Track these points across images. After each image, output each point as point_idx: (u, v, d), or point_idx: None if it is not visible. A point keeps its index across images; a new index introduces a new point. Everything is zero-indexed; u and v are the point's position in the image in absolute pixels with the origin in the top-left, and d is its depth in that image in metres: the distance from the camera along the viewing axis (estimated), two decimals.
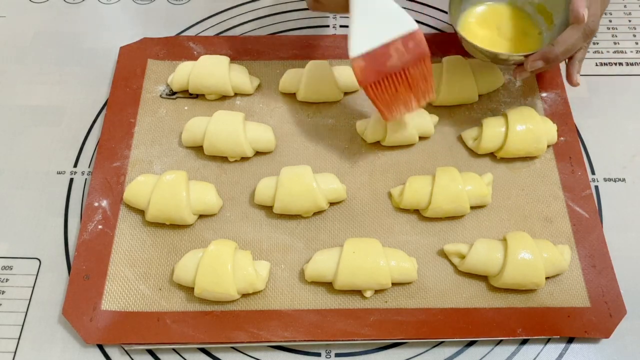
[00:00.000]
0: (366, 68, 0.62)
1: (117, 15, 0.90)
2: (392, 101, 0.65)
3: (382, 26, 0.62)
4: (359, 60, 0.62)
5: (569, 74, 0.72)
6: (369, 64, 0.62)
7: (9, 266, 0.68)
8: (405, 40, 0.62)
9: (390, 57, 0.62)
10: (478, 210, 0.70)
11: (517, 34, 0.75)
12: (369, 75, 0.62)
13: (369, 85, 0.63)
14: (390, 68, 0.62)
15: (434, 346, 0.64)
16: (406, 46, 0.62)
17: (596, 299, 0.64)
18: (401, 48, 0.62)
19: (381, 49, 0.61)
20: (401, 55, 0.62)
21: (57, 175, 0.75)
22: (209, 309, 0.64)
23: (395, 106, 0.65)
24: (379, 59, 0.62)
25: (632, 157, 0.75)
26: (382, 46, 0.62)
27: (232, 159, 0.74)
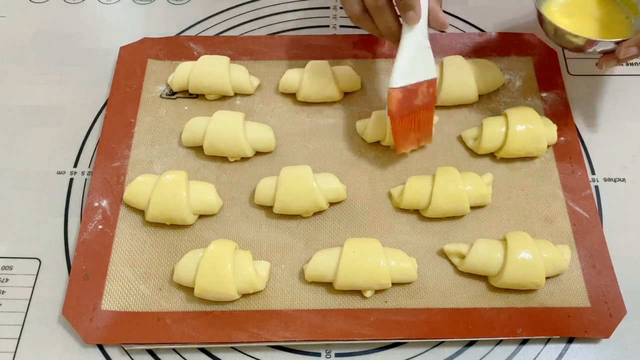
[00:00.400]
0: (402, 100, 0.67)
1: (117, 15, 0.90)
2: (407, 135, 0.71)
3: (419, 67, 0.67)
4: (398, 91, 0.66)
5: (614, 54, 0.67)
6: (404, 97, 0.67)
7: (9, 266, 0.68)
8: (428, 85, 0.68)
9: (417, 97, 0.68)
10: (478, 210, 0.70)
11: (603, 21, 0.73)
12: (402, 108, 0.67)
13: (398, 117, 0.68)
14: (415, 106, 0.68)
15: (434, 346, 0.64)
16: (428, 90, 0.68)
17: (596, 299, 0.64)
18: (425, 90, 0.68)
19: (414, 87, 0.67)
20: (423, 97, 0.68)
21: (57, 175, 0.75)
22: (209, 309, 0.64)
23: (408, 140, 0.71)
24: (411, 95, 0.67)
25: (632, 157, 0.75)
26: (416, 84, 0.67)
27: (232, 159, 0.74)
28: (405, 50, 0.67)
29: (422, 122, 0.70)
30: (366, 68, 0.81)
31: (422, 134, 0.72)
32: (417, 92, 0.67)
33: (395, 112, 0.67)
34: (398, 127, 0.69)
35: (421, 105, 0.68)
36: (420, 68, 0.67)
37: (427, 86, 0.67)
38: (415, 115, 0.69)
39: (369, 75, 0.81)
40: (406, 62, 0.67)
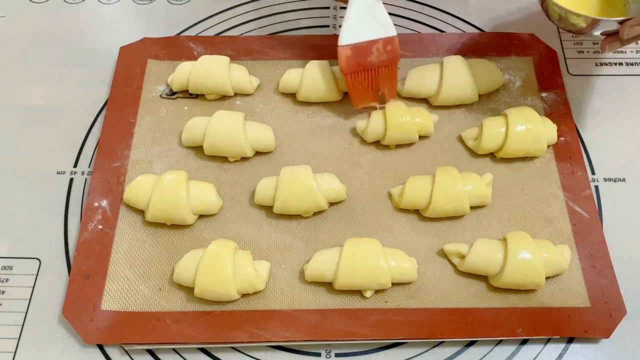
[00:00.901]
0: (351, 57, 0.70)
1: (117, 15, 0.90)
2: (364, 91, 0.73)
3: (371, 25, 0.70)
4: (347, 48, 0.70)
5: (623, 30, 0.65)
6: (354, 54, 0.70)
7: (9, 266, 0.68)
8: (385, 42, 0.71)
9: (371, 54, 0.70)
10: (478, 210, 0.70)
11: (602, 7, 0.72)
12: (352, 65, 0.71)
13: (349, 73, 0.71)
14: (369, 62, 0.71)
15: (434, 346, 0.64)
16: (385, 47, 0.71)
17: (596, 299, 0.64)
18: (381, 48, 0.70)
19: (366, 44, 0.70)
20: (379, 54, 0.71)
21: (57, 175, 0.75)
22: (209, 309, 0.64)
23: (365, 96, 0.74)
24: (362, 52, 0.70)
25: (632, 157, 0.75)
26: (368, 42, 0.70)
27: (232, 159, 0.74)
28: (354, 7, 0.70)
29: (384, 79, 0.73)
30: None
31: (385, 90, 0.74)
32: (370, 50, 0.70)
33: (344, 68, 0.71)
34: (351, 83, 0.72)
35: (378, 63, 0.71)
36: (372, 26, 0.70)
37: (383, 44, 0.70)
38: (372, 72, 0.72)
39: None
40: (355, 20, 0.70)
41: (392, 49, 0.71)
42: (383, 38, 0.70)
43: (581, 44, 0.85)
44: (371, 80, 0.72)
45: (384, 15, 0.70)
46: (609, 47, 0.67)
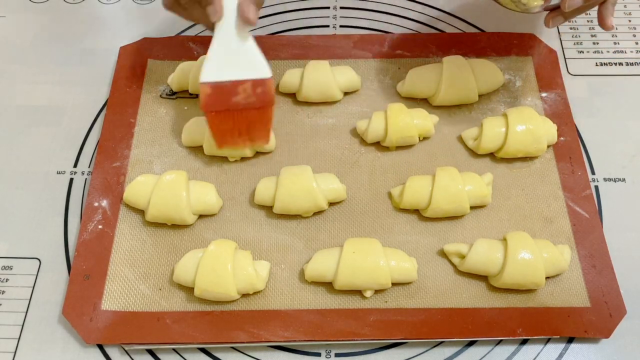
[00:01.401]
0: (211, 96, 0.64)
1: (117, 15, 0.90)
2: (227, 133, 0.68)
3: (239, 64, 0.65)
4: (207, 87, 0.64)
5: (602, 17, 0.68)
6: (215, 93, 0.64)
7: (9, 266, 0.68)
8: (255, 84, 0.64)
9: (237, 95, 0.65)
10: (478, 210, 0.70)
11: None
12: (212, 104, 0.65)
13: (209, 112, 0.66)
14: (233, 104, 0.65)
15: (434, 346, 0.64)
16: (254, 89, 0.64)
17: (596, 299, 0.64)
18: (249, 90, 0.64)
19: (230, 84, 0.64)
20: (247, 96, 0.65)
21: (57, 175, 0.75)
22: (209, 309, 0.64)
23: (229, 138, 0.68)
24: (226, 92, 0.64)
25: (632, 157, 0.75)
26: (232, 82, 0.64)
27: (232, 159, 0.74)
28: (217, 44, 0.65)
29: (253, 122, 0.67)
30: (366, 68, 0.81)
31: (255, 135, 0.69)
32: (235, 90, 0.64)
33: (204, 106, 0.65)
34: (213, 123, 0.67)
35: (245, 104, 0.65)
36: (239, 65, 0.65)
37: (252, 85, 0.64)
38: (238, 114, 0.66)
39: (369, 75, 0.81)
40: (219, 57, 0.65)
41: (263, 91, 0.64)
42: (252, 79, 0.64)
43: (581, 44, 0.85)
44: (238, 123, 0.67)
45: (255, 53, 0.65)
46: (553, 22, 0.68)
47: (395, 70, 0.81)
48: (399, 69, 0.81)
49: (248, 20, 0.64)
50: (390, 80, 0.80)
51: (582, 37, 0.86)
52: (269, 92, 0.65)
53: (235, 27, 0.65)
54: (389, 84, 0.80)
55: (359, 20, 0.88)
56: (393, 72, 0.81)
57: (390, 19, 0.88)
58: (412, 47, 0.83)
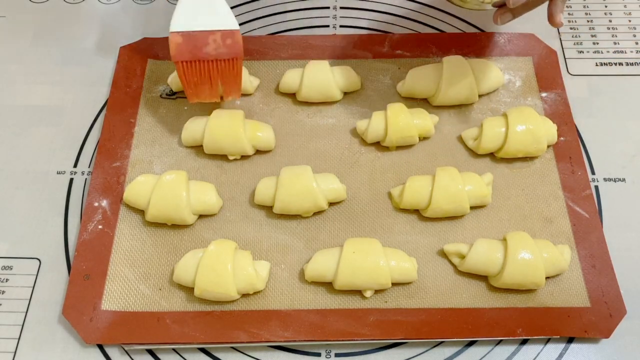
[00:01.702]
0: (182, 45, 0.67)
1: (117, 15, 0.90)
2: (198, 84, 0.70)
3: (208, 16, 0.68)
4: (178, 35, 0.67)
5: (551, 14, 0.69)
6: (186, 42, 0.67)
7: (9, 266, 0.68)
8: (224, 35, 0.67)
9: (207, 45, 0.67)
10: (478, 210, 0.70)
11: None
12: (183, 53, 0.67)
13: (180, 62, 0.68)
14: (204, 54, 0.68)
15: (434, 346, 0.64)
16: (224, 41, 0.67)
17: (596, 299, 0.64)
18: (219, 40, 0.67)
19: (201, 34, 0.67)
20: (217, 47, 0.67)
21: (57, 175, 0.75)
22: (209, 309, 0.64)
23: (200, 89, 0.71)
24: (196, 42, 0.67)
25: (632, 157, 0.75)
26: (202, 32, 0.67)
27: (231, 157, 0.74)
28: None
29: (225, 74, 0.69)
30: (366, 68, 0.81)
31: (226, 87, 0.71)
32: (206, 40, 0.67)
33: (174, 55, 0.67)
34: (184, 74, 0.69)
35: (216, 55, 0.68)
36: (210, 16, 0.67)
37: (222, 36, 0.67)
38: (209, 65, 0.68)
39: (369, 75, 0.81)
40: (189, 8, 0.67)
41: (232, 42, 0.67)
42: (222, 30, 0.67)
43: (581, 44, 0.85)
44: (209, 74, 0.69)
45: (223, 6, 0.68)
46: (501, 19, 0.68)
47: (395, 70, 0.81)
48: (399, 69, 0.81)
49: None
50: (390, 80, 0.80)
51: (582, 37, 0.86)
52: (237, 44, 0.68)
53: None
54: (389, 84, 0.80)
55: (359, 20, 0.88)
56: (393, 72, 0.81)
57: (390, 19, 0.88)
58: (412, 47, 0.83)
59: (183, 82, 0.70)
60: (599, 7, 0.89)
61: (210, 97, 0.72)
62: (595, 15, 0.88)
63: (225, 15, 0.68)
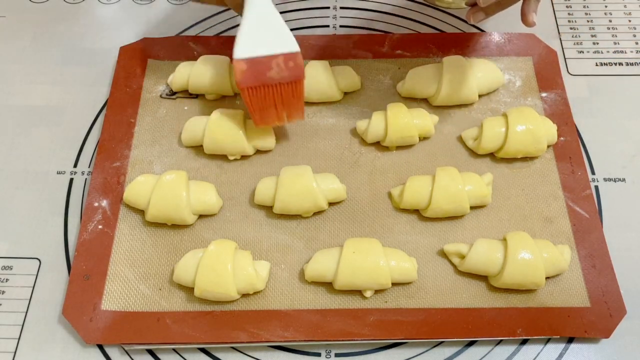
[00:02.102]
0: (247, 71, 0.66)
1: (117, 15, 0.90)
2: (264, 109, 0.69)
3: (270, 39, 0.67)
4: (242, 62, 0.66)
5: (523, 13, 0.68)
6: (250, 68, 0.66)
7: (9, 266, 0.68)
8: (286, 58, 0.66)
9: (271, 69, 0.66)
10: (478, 210, 0.70)
11: None
12: (249, 79, 0.66)
13: (246, 88, 0.67)
14: (268, 78, 0.67)
15: (434, 346, 0.64)
16: (286, 64, 0.66)
17: (596, 299, 0.64)
18: (282, 64, 0.66)
19: (264, 59, 0.66)
20: (280, 70, 0.66)
21: (57, 175, 0.75)
22: (209, 309, 0.64)
23: (266, 114, 0.70)
24: (260, 67, 0.66)
25: (632, 157, 0.75)
26: (266, 56, 0.66)
27: (231, 156, 0.74)
28: (248, 20, 0.67)
29: (287, 96, 0.68)
30: (366, 68, 0.81)
31: (290, 110, 0.70)
32: (269, 65, 0.66)
33: (240, 82, 0.66)
34: (249, 100, 0.68)
35: (279, 79, 0.67)
36: (271, 40, 0.66)
37: (284, 60, 0.66)
38: (273, 89, 0.67)
39: (369, 75, 0.81)
40: (251, 33, 0.66)
41: (294, 65, 0.66)
42: (284, 53, 0.66)
43: (581, 44, 0.85)
44: (273, 98, 0.68)
45: (283, 28, 0.67)
46: (474, 17, 0.68)
47: (395, 70, 0.81)
48: (399, 69, 0.81)
49: None
50: (390, 80, 0.80)
51: (582, 37, 0.86)
52: (300, 66, 0.67)
53: (265, 2, 0.67)
54: (389, 84, 0.80)
55: (359, 20, 0.88)
56: (393, 72, 0.81)
57: (390, 19, 0.88)
58: (412, 47, 0.83)
59: (249, 108, 0.69)
60: (599, 7, 0.89)
61: (276, 120, 0.71)
62: (595, 15, 0.88)
63: (286, 37, 0.67)
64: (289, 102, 0.69)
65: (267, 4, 0.67)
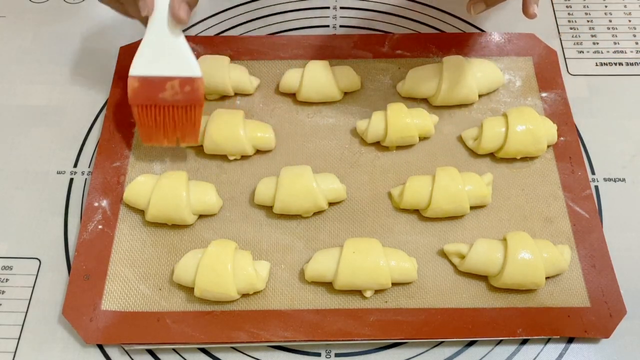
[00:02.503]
0: (138, 89, 0.66)
1: (117, 15, 0.89)
2: (153, 128, 0.69)
3: (169, 60, 0.66)
4: (135, 80, 0.66)
5: (525, 5, 0.67)
6: (142, 86, 0.66)
7: (9, 266, 0.68)
8: (183, 82, 0.66)
9: (164, 91, 0.66)
10: (478, 210, 0.70)
11: None
12: (139, 97, 0.67)
13: (135, 105, 0.67)
14: (160, 99, 0.66)
15: (434, 346, 0.64)
16: (182, 87, 0.66)
17: (596, 299, 0.64)
18: (177, 87, 0.66)
19: (158, 79, 0.66)
20: (175, 93, 0.66)
21: (57, 175, 0.75)
22: (209, 309, 0.64)
23: (155, 134, 0.69)
24: (153, 86, 0.66)
25: (632, 157, 0.75)
26: (160, 77, 0.66)
27: (231, 156, 0.74)
28: (148, 39, 0.66)
29: (180, 120, 0.68)
30: (366, 68, 0.81)
31: (184, 133, 0.69)
32: (163, 86, 0.66)
33: (130, 99, 0.67)
34: (139, 117, 0.68)
35: (172, 102, 0.66)
36: (170, 62, 0.66)
37: (179, 83, 0.66)
38: (165, 110, 0.67)
39: (369, 75, 0.81)
40: (149, 52, 0.66)
41: (191, 90, 0.66)
42: (180, 77, 0.66)
43: (581, 44, 0.85)
44: (164, 119, 0.68)
45: (186, 52, 0.66)
46: (474, 8, 0.68)
47: (395, 70, 0.81)
48: (399, 69, 0.81)
49: (178, 18, 0.64)
50: (390, 80, 0.80)
51: (582, 37, 0.86)
52: (197, 92, 0.66)
53: (168, 24, 0.66)
54: (389, 84, 0.80)
55: (359, 20, 0.88)
56: (393, 72, 0.81)
57: (390, 19, 0.88)
58: (412, 47, 0.83)
59: (138, 125, 0.69)
60: (599, 7, 0.89)
61: (165, 141, 0.70)
62: (595, 15, 0.88)
63: (188, 61, 0.66)
64: (182, 125, 0.68)
65: (170, 24, 0.66)
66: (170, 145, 0.71)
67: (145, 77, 0.66)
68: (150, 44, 0.66)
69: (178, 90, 0.66)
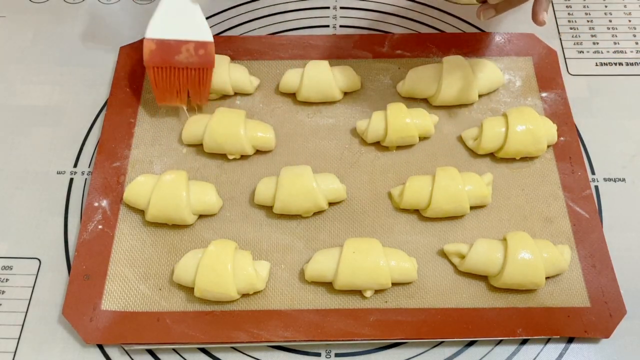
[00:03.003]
0: (155, 52, 0.71)
1: (117, 15, 0.90)
2: (167, 89, 0.73)
3: (184, 26, 0.71)
4: (152, 42, 0.71)
5: (535, 12, 0.68)
6: (159, 49, 0.71)
7: (9, 266, 0.68)
8: (197, 46, 0.71)
9: (180, 54, 0.71)
10: (478, 210, 0.70)
11: None
12: (155, 59, 0.71)
13: (152, 67, 0.72)
14: (175, 61, 0.71)
15: (434, 346, 0.64)
16: (197, 51, 0.71)
17: (596, 299, 0.64)
18: (191, 50, 0.71)
19: (174, 42, 0.71)
20: (189, 56, 0.71)
21: (57, 175, 0.75)
22: (209, 309, 0.64)
23: (170, 95, 0.74)
24: (169, 49, 0.71)
25: (632, 157, 0.75)
26: (177, 41, 0.71)
27: (231, 156, 0.74)
28: (166, 4, 0.71)
29: (193, 82, 0.73)
30: (366, 68, 0.81)
31: (194, 94, 0.74)
32: (178, 49, 0.71)
33: (146, 61, 0.71)
34: (154, 78, 0.72)
35: (187, 64, 0.71)
36: (184, 26, 0.71)
37: (195, 46, 0.71)
38: (179, 72, 0.72)
39: (369, 75, 0.81)
40: (165, 16, 0.71)
41: (205, 53, 0.71)
42: (195, 40, 0.71)
43: (581, 44, 0.85)
44: (178, 80, 0.73)
45: (200, 18, 0.71)
46: (484, 14, 0.69)
47: (395, 70, 0.81)
48: (399, 69, 0.81)
49: None
50: (390, 80, 0.80)
51: (582, 37, 0.86)
52: (209, 55, 0.72)
53: None
54: (389, 84, 0.80)
55: (359, 20, 0.88)
56: (393, 72, 0.81)
57: (390, 19, 0.88)
58: (412, 47, 0.83)
59: (153, 85, 0.73)
60: (599, 7, 0.89)
61: (178, 101, 0.75)
62: (595, 15, 0.88)
63: (201, 26, 0.71)
64: (194, 87, 0.73)
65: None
66: (182, 104, 0.75)
67: (162, 39, 0.70)
68: (167, 8, 0.71)
69: (193, 54, 0.71)
